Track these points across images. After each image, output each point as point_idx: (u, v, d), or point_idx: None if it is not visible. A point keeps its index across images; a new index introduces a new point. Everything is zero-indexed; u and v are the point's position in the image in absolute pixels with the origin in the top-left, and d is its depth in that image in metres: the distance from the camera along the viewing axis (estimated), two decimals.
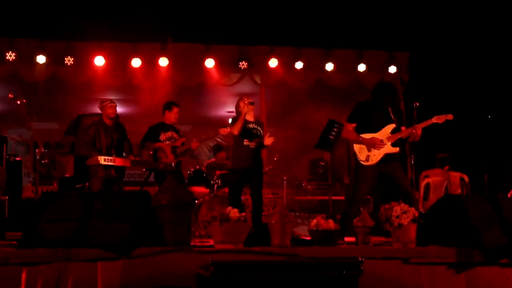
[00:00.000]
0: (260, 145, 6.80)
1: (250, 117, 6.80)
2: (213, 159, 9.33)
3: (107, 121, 7.16)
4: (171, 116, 7.44)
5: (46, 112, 10.16)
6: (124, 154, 7.20)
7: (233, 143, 6.86)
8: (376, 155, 5.80)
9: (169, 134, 7.36)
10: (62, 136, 10.29)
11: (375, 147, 5.77)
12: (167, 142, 7.28)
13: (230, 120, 6.97)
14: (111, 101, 7.25)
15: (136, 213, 4.50)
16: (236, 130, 6.65)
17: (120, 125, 7.31)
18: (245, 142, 6.64)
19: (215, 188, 8.20)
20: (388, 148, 5.84)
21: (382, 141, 5.80)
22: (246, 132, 6.69)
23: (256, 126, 6.82)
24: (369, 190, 6.00)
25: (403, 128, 5.96)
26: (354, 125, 5.95)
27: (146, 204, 4.64)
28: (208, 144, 12.07)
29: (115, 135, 7.14)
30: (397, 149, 5.88)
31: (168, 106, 7.50)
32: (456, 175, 7.81)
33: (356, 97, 8.51)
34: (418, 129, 5.81)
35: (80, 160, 7.80)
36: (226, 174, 7.92)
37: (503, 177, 8.61)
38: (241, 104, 6.77)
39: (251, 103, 6.78)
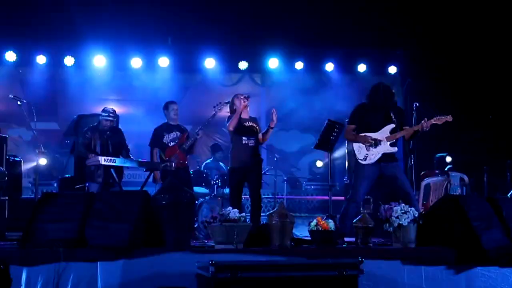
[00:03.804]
0: (259, 141, 6.71)
1: (245, 115, 6.68)
2: (210, 158, 9.31)
3: (104, 127, 7.07)
4: (170, 115, 7.26)
5: (46, 112, 10.14)
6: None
7: (231, 142, 6.79)
8: (374, 154, 5.81)
9: (173, 135, 7.17)
10: (62, 137, 10.33)
11: (364, 143, 5.79)
12: (172, 144, 7.11)
13: (226, 120, 6.85)
14: (109, 114, 7.06)
15: (136, 213, 4.50)
16: (231, 126, 6.54)
17: (117, 131, 7.22)
18: (243, 141, 6.58)
19: (215, 188, 8.20)
20: (386, 148, 5.84)
21: (375, 139, 5.79)
22: (243, 129, 6.60)
23: (252, 124, 6.70)
24: (368, 189, 6.00)
25: (407, 127, 5.95)
26: (354, 126, 5.96)
27: (146, 204, 4.63)
28: (207, 144, 12.06)
29: (111, 141, 7.05)
30: (395, 149, 5.88)
31: (164, 106, 7.35)
32: (456, 175, 7.80)
33: (356, 97, 8.51)
34: (426, 121, 5.82)
35: (80, 160, 7.79)
36: (226, 174, 7.91)
37: (503, 177, 8.61)
38: (236, 101, 6.65)
39: (246, 99, 6.61)
